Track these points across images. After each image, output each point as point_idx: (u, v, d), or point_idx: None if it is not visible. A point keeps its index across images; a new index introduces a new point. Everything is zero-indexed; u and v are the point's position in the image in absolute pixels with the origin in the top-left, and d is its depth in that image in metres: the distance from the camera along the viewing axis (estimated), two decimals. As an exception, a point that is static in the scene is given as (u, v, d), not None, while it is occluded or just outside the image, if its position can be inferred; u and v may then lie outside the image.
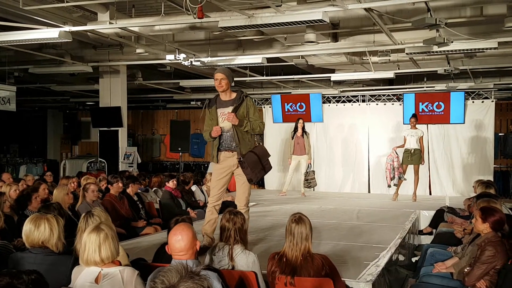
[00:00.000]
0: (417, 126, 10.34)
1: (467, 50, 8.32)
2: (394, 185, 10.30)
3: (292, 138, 11.24)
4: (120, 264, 3.19)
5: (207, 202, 9.39)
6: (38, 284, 2.33)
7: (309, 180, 11.12)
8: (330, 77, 11.71)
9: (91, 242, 3.06)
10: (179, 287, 1.67)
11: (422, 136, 10.32)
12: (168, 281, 1.68)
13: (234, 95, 5.41)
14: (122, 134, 12.72)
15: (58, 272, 3.36)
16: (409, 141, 10.21)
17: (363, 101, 12.95)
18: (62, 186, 6.81)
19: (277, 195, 11.23)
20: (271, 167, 5.51)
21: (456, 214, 7.34)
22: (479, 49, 8.23)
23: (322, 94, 13.19)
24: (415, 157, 10.16)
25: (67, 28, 7.65)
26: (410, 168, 10.35)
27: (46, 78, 13.85)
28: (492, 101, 11.92)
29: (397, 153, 10.24)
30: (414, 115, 10.49)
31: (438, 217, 7.70)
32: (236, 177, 5.46)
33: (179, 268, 1.71)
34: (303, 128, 11.17)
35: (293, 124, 11.53)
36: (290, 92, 14.08)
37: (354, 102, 13.10)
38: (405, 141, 10.27)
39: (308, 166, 11.09)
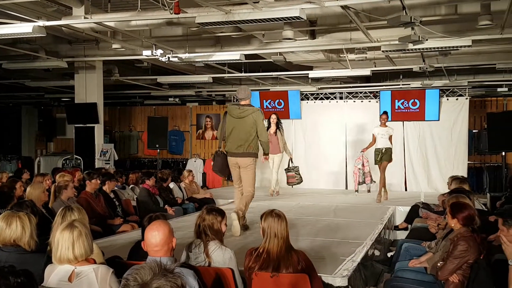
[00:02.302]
0: (387, 124, 9.84)
1: (441, 48, 8.44)
2: (369, 191, 9.91)
3: None
4: (95, 262, 3.16)
5: (186, 199, 9.43)
6: (24, 287, 2.27)
7: (295, 175, 10.25)
8: (308, 74, 11.75)
9: (64, 240, 3.02)
10: (152, 284, 1.65)
11: (392, 135, 9.81)
12: (141, 278, 1.66)
13: None
14: (99, 130, 12.57)
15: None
16: (379, 141, 9.69)
17: (341, 98, 13.05)
18: (37, 184, 6.71)
19: (269, 196, 10.48)
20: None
21: (430, 209, 7.46)
22: (453, 47, 8.35)
23: (300, 91, 13.25)
24: (385, 155, 9.63)
25: (41, 22, 7.52)
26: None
27: (20, 74, 13.56)
28: (466, 98, 12.14)
29: (366, 157, 9.81)
30: (385, 112, 9.98)
31: (413, 212, 7.81)
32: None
33: (152, 265, 1.70)
34: (277, 124, 10.37)
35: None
36: (269, 89, 14.09)
37: (332, 99, 13.20)
38: (375, 140, 9.78)
39: (289, 162, 10.40)
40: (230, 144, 6.59)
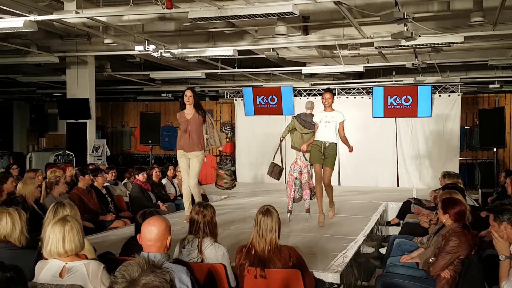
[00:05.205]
0: (334, 107, 7.04)
1: (434, 44, 8.46)
2: (307, 210, 6.72)
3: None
4: (86, 258, 3.14)
5: (178, 195, 9.40)
6: (14, 282, 2.25)
7: (225, 176, 8.01)
8: (301, 70, 11.74)
9: (55, 233, 3.01)
10: (140, 280, 1.64)
11: (343, 121, 6.94)
12: (129, 275, 1.64)
13: None
14: (91, 126, 12.50)
15: (21, 267, 3.28)
16: (321, 130, 6.78)
17: (334, 94, 13.04)
18: (29, 179, 6.66)
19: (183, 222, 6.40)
20: None
21: (422, 205, 7.49)
22: (446, 43, 8.37)
23: (294, 87, 13.24)
24: (329, 157, 6.66)
25: (32, 17, 7.45)
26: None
27: (12, 69, 13.46)
28: (459, 94, 12.19)
29: (306, 159, 6.80)
30: (329, 91, 7.13)
31: (405, 208, 7.85)
32: None
33: (140, 261, 1.69)
34: (196, 105, 6.86)
35: (265, 118, 11.12)
36: (262, 85, 14.07)
37: (325, 95, 13.18)
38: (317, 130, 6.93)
39: (221, 163, 7.65)
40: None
